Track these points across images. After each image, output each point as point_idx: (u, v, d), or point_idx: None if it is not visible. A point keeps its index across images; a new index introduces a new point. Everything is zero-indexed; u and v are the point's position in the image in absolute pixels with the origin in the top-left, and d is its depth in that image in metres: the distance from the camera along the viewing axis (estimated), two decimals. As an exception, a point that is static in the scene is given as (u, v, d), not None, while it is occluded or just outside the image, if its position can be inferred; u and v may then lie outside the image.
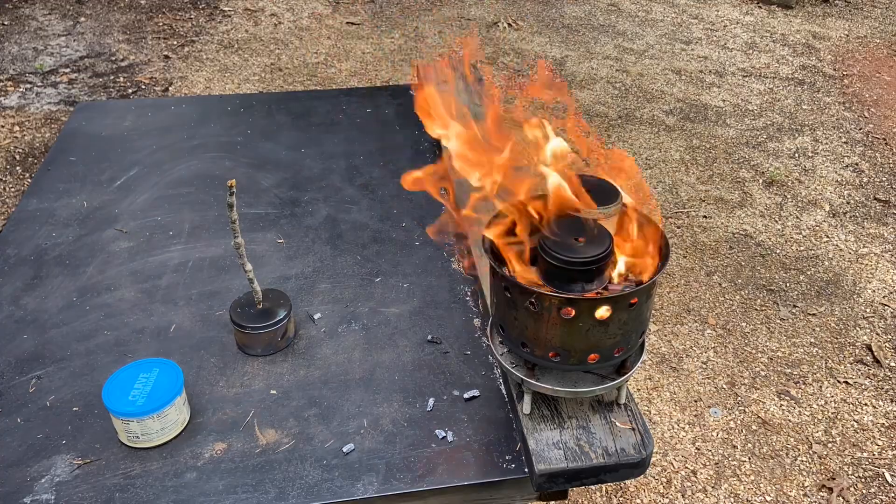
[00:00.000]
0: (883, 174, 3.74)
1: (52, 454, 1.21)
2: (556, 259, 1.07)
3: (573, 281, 1.08)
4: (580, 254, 1.07)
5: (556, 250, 1.07)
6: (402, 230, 1.76)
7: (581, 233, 1.10)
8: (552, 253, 1.08)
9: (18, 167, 3.57)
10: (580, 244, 1.08)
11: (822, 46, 5.07)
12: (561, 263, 1.07)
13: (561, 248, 1.08)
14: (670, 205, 3.45)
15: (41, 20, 5.09)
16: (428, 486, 1.16)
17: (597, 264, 1.07)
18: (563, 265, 1.07)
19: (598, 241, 1.09)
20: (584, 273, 1.08)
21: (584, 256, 1.07)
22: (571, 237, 1.09)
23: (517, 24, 5.24)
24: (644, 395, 2.51)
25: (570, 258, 1.07)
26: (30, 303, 1.53)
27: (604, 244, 1.08)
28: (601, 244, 1.08)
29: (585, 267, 1.07)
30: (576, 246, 1.08)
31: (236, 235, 1.33)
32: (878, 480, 2.27)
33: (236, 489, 1.15)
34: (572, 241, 1.08)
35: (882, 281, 3.03)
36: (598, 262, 1.07)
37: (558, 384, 1.15)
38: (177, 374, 1.24)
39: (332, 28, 5.13)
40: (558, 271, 1.08)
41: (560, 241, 1.09)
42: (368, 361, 1.40)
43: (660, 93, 4.42)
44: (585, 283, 1.09)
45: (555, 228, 1.10)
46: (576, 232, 1.10)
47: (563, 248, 1.08)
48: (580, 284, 1.09)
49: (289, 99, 2.43)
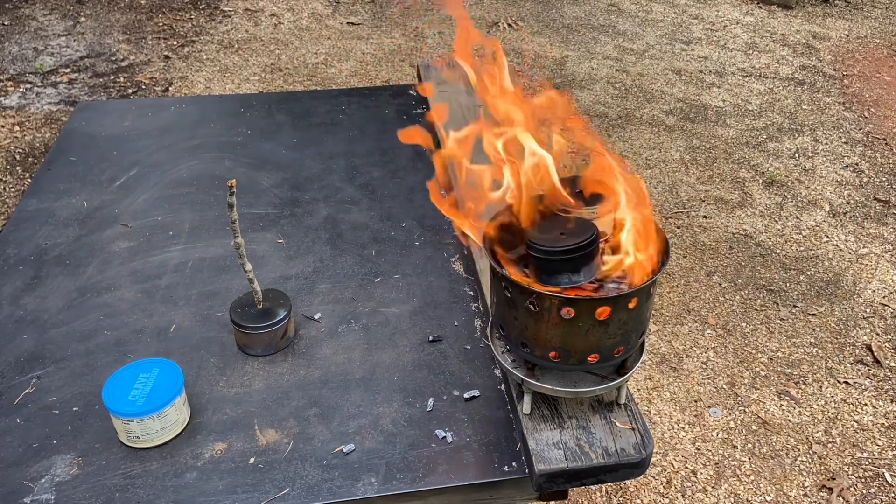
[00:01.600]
0: (883, 174, 3.74)
1: (52, 454, 1.21)
2: (537, 250, 1.09)
3: (558, 272, 1.09)
4: (561, 244, 1.08)
5: (537, 242, 1.09)
6: (402, 230, 1.76)
7: (565, 227, 1.11)
8: (534, 245, 1.09)
9: (18, 167, 3.57)
10: (562, 236, 1.10)
11: (822, 46, 5.07)
12: (541, 254, 1.09)
13: (543, 241, 1.09)
14: (670, 205, 3.45)
15: (41, 20, 5.09)
16: (428, 486, 1.16)
17: (577, 253, 1.08)
18: (544, 255, 1.09)
19: (580, 232, 1.10)
20: (567, 263, 1.08)
21: (563, 245, 1.08)
22: (556, 232, 1.11)
23: (517, 24, 5.24)
24: (644, 395, 2.51)
25: (550, 248, 1.08)
26: (30, 303, 1.53)
27: (585, 234, 1.09)
28: (583, 234, 1.09)
29: (566, 256, 1.08)
30: (558, 238, 1.10)
31: (236, 235, 1.33)
32: (878, 480, 2.27)
33: (236, 489, 1.15)
34: (556, 235, 1.10)
35: (882, 281, 3.03)
36: (578, 251, 1.08)
37: (558, 384, 1.15)
38: (177, 374, 1.24)
39: (332, 28, 5.13)
40: (541, 263, 1.10)
41: (543, 234, 1.10)
42: (368, 361, 1.40)
43: (660, 93, 4.42)
44: (571, 273, 1.09)
45: (540, 225, 1.12)
46: (560, 227, 1.12)
47: (545, 240, 1.09)
48: (566, 276, 1.09)
49: (289, 99, 2.43)
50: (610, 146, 3.73)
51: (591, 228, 1.11)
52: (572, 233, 1.10)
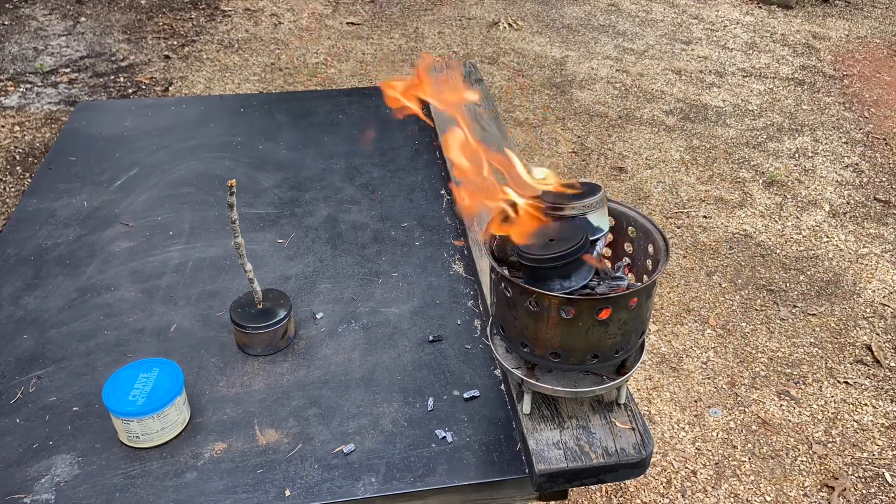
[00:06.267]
0: (883, 174, 3.74)
1: (52, 454, 1.21)
2: (526, 258, 1.08)
3: (549, 279, 1.09)
4: (546, 252, 1.07)
5: (525, 251, 1.09)
6: (402, 230, 1.76)
7: (555, 234, 1.10)
8: (523, 253, 1.09)
9: (18, 167, 3.57)
10: (552, 244, 1.09)
11: (822, 46, 5.07)
12: (530, 262, 1.08)
13: (530, 249, 1.08)
14: (670, 205, 3.45)
15: (41, 20, 5.09)
16: (428, 486, 1.17)
17: (567, 259, 1.06)
18: (532, 264, 1.08)
19: (567, 239, 1.09)
20: (553, 270, 1.08)
21: (553, 253, 1.07)
22: (546, 239, 1.10)
23: (517, 24, 5.24)
24: (644, 395, 2.51)
25: (536, 256, 1.07)
26: (30, 303, 1.53)
27: (573, 241, 1.07)
28: (570, 241, 1.08)
29: (556, 263, 1.07)
30: (547, 245, 1.09)
31: (236, 235, 1.33)
32: (878, 480, 2.27)
33: (236, 489, 1.15)
34: (546, 242, 1.09)
35: (882, 281, 3.03)
36: (568, 257, 1.06)
37: (558, 384, 1.15)
38: (177, 374, 1.24)
39: (332, 28, 5.13)
40: (532, 272, 1.09)
41: (533, 242, 1.09)
42: (368, 361, 1.40)
43: (660, 93, 4.42)
44: (562, 279, 1.09)
45: (531, 233, 1.11)
46: (551, 234, 1.11)
47: (533, 248, 1.09)
48: (557, 282, 1.09)
49: (289, 99, 2.43)
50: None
51: (580, 235, 1.09)
52: (561, 238, 1.09)
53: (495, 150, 1.13)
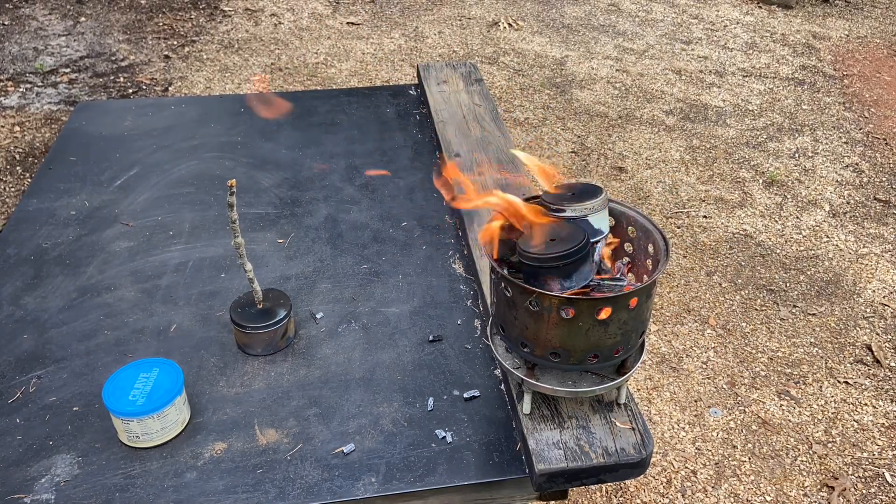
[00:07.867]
0: (883, 174, 3.74)
1: (52, 454, 1.21)
2: (528, 258, 1.09)
3: (549, 280, 1.09)
4: (546, 252, 1.07)
5: (525, 251, 1.09)
6: (402, 230, 1.76)
7: (555, 235, 1.11)
8: (525, 253, 1.09)
9: (18, 167, 3.57)
10: (553, 244, 1.09)
11: (822, 46, 5.07)
12: (531, 262, 1.08)
13: (530, 249, 1.09)
14: (670, 205, 3.45)
15: (41, 20, 5.09)
16: (428, 486, 1.17)
17: (568, 259, 1.07)
18: (532, 264, 1.08)
19: (568, 239, 1.09)
20: (554, 270, 1.08)
21: (553, 253, 1.07)
22: (548, 239, 1.10)
23: (517, 23, 5.24)
24: (644, 395, 2.51)
25: (537, 256, 1.07)
26: (30, 303, 1.53)
27: (573, 242, 1.08)
28: (571, 242, 1.08)
29: (557, 263, 1.07)
30: (548, 246, 1.09)
31: (236, 235, 1.33)
32: (878, 480, 2.27)
33: (236, 489, 1.15)
34: (547, 242, 1.10)
35: (882, 281, 3.03)
36: (569, 258, 1.07)
37: (558, 384, 1.15)
38: (177, 374, 1.24)
39: (332, 28, 5.13)
40: (532, 271, 1.10)
41: (533, 243, 1.10)
42: (368, 361, 1.40)
43: (660, 93, 4.42)
44: (563, 279, 1.09)
45: (532, 234, 1.12)
46: (552, 235, 1.11)
47: (534, 249, 1.09)
48: (558, 282, 1.09)
49: (289, 99, 2.43)
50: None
51: (581, 237, 1.09)
52: (560, 240, 1.09)
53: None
